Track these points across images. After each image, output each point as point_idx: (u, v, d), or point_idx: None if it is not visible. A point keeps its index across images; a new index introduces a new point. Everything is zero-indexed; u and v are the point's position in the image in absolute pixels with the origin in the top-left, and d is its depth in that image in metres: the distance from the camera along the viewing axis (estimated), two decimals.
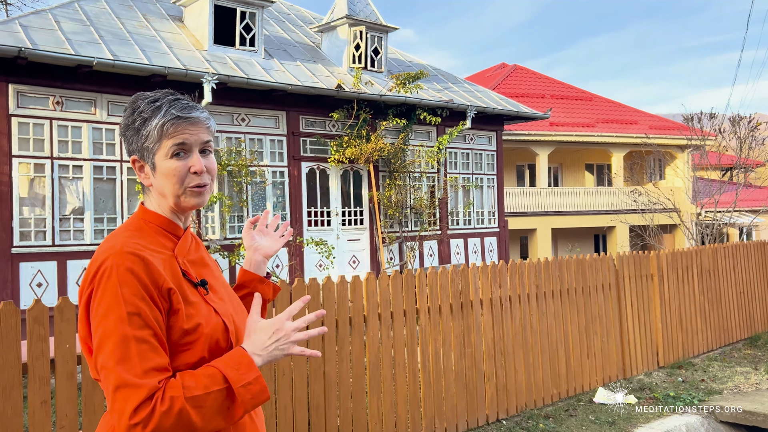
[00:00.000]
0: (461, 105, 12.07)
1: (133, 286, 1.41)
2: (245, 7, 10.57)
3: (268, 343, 1.51)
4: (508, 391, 5.58)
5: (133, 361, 1.38)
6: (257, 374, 1.46)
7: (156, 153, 1.54)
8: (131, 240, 1.49)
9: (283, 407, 4.13)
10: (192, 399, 1.38)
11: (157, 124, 1.52)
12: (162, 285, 1.45)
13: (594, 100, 25.66)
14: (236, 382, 1.43)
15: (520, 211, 22.38)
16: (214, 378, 1.42)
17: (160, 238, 1.56)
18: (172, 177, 1.54)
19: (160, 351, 1.42)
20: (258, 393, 1.46)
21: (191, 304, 1.51)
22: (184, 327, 1.47)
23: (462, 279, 5.36)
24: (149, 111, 1.54)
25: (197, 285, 1.55)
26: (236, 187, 9.91)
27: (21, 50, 7.68)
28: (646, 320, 7.17)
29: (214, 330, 1.52)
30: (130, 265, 1.42)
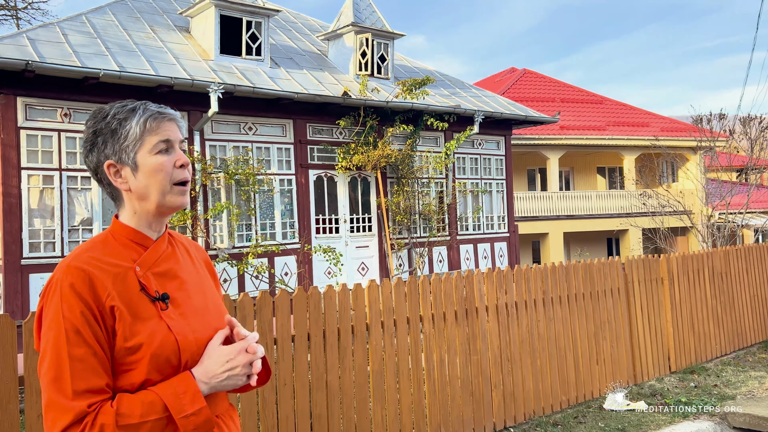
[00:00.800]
0: (468, 110, 12.02)
1: (72, 303, 1.38)
2: (251, 17, 10.62)
3: (219, 371, 1.47)
4: (515, 398, 5.51)
5: (65, 381, 1.34)
6: (202, 405, 1.41)
7: (138, 151, 1.52)
8: (86, 254, 1.47)
9: (285, 417, 4.10)
10: (125, 427, 1.34)
11: (138, 121, 1.51)
12: (105, 302, 1.41)
13: (605, 103, 25.50)
14: (177, 412, 1.38)
15: (531, 215, 22.27)
16: (153, 406, 1.38)
17: (124, 250, 1.52)
18: (160, 172, 1.52)
19: (98, 371, 1.37)
20: (202, 424, 1.42)
21: (141, 320, 1.45)
22: (126, 345, 1.41)
23: (467, 285, 5.31)
24: (124, 113, 1.53)
25: (155, 300, 1.49)
26: (244, 195, 9.92)
27: (28, 63, 7.75)
28: (657, 325, 7.07)
29: (162, 348, 1.44)
30: (72, 280, 1.40)
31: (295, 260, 10.39)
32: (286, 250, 10.31)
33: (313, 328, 4.28)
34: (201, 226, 9.44)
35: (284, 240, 10.39)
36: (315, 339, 4.28)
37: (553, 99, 24.82)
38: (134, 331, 1.43)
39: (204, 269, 1.75)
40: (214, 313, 1.63)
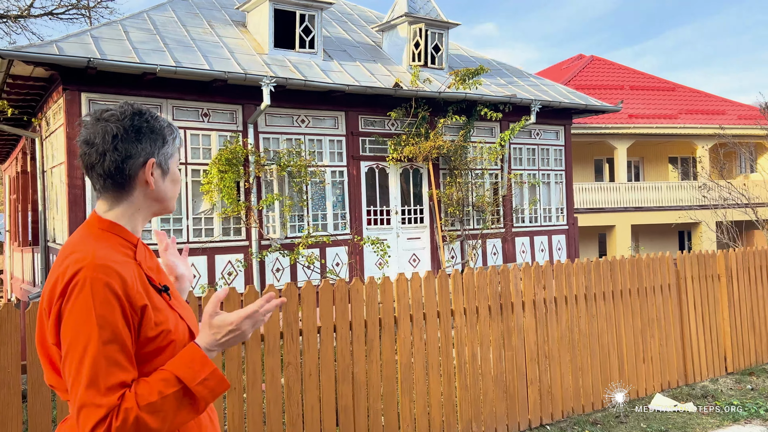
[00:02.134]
0: (525, 99, 11.77)
1: (108, 303, 1.43)
2: (304, 10, 10.74)
3: (222, 338, 1.56)
4: (552, 395, 5.40)
5: (99, 380, 1.41)
6: (212, 368, 1.50)
7: (171, 160, 1.70)
8: (100, 251, 1.50)
9: (310, 408, 4.17)
10: (147, 406, 1.42)
11: (178, 136, 1.73)
12: (136, 300, 1.48)
13: (677, 90, 24.40)
14: (191, 381, 1.46)
15: (597, 207, 21.63)
16: (167, 381, 1.45)
17: (119, 246, 1.58)
18: (178, 182, 1.73)
19: (126, 366, 1.45)
20: (216, 386, 1.50)
21: (159, 311, 1.55)
22: (149, 335, 1.50)
23: (502, 280, 5.22)
24: (166, 123, 1.69)
25: (161, 291, 1.59)
26: (296, 187, 10.09)
27: (90, 60, 8.12)
28: (712, 323, 6.75)
29: (183, 335, 1.59)
30: (108, 280, 1.44)
31: (346, 251, 10.49)
32: (337, 241, 10.43)
33: (340, 320, 4.32)
34: (254, 217, 9.67)
35: (335, 231, 10.51)
36: (341, 331, 4.32)
37: (621, 86, 23.95)
38: (160, 320, 1.53)
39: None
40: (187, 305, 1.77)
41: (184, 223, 9.33)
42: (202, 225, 9.47)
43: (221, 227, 9.57)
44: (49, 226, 10.24)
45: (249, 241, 9.74)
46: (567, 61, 28.46)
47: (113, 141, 1.56)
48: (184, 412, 1.47)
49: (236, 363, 3.92)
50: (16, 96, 9.76)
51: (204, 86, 9.37)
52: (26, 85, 9.36)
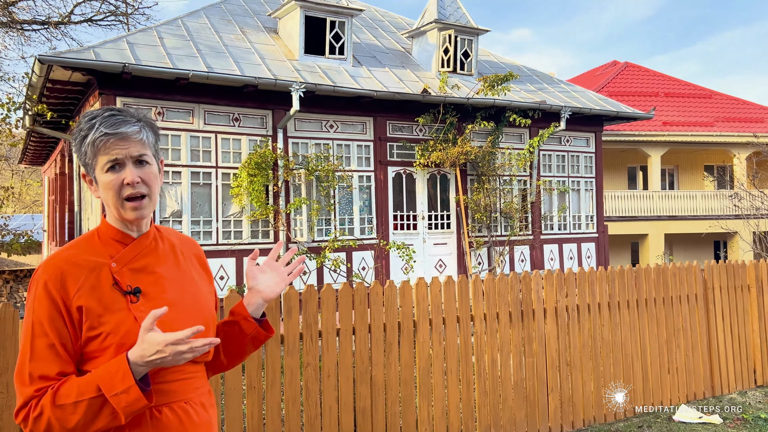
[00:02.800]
0: (555, 106, 11.71)
1: (42, 300, 1.56)
2: (335, 17, 10.87)
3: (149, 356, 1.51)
4: (574, 403, 5.36)
5: (23, 370, 1.54)
6: (130, 384, 1.49)
7: (95, 168, 1.65)
8: (66, 252, 1.64)
9: (328, 408, 4.23)
10: (61, 407, 1.49)
11: (89, 141, 1.62)
12: (72, 300, 1.57)
13: (713, 97, 23.93)
14: (108, 391, 1.49)
15: (630, 215, 21.34)
16: (88, 386, 1.50)
17: (104, 248, 1.67)
18: (110, 190, 1.64)
19: (51, 360, 1.53)
20: (133, 402, 1.50)
21: (110, 312, 1.58)
22: (90, 335, 1.57)
23: (523, 287, 5.22)
24: (86, 128, 1.64)
25: (127, 293, 1.62)
26: (323, 191, 10.20)
27: (125, 66, 8.35)
28: (741, 335, 6.62)
29: (127, 337, 1.57)
30: (47, 278, 1.57)
31: (372, 255, 10.55)
32: (363, 245, 10.50)
33: (359, 322, 4.37)
34: (282, 220, 9.80)
35: (362, 235, 10.59)
36: (360, 333, 4.38)
37: (656, 93, 23.60)
38: (101, 322, 1.57)
39: (194, 264, 1.86)
40: (191, 305, 1.74)
41: (214, 225, 9.50)
42: (232, 227, 9.63)
43: (250, 230, 9.72)
44: (84, 226, 10.53)
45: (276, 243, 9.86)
46: (600, 68, 28.15)
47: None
48: (103, 417, 1.50)
49: (256, 362, 4.01)
50: (55, 100, 10.08)
51: (235, 91, 9.55)
52: (65, 89, 9.66)
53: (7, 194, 10.05)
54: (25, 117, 10.50)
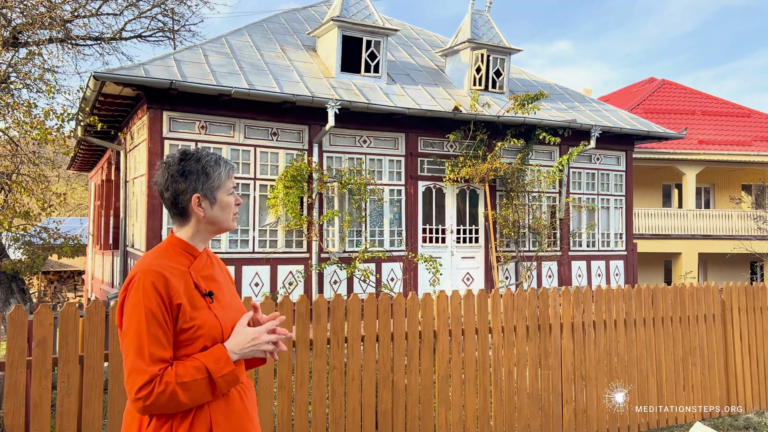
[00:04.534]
0: (585, 125, 11.91)
1: (151, 297, 1.95)
2: (370, 36, 11.29)
3: (246, 345, 2.05)
4: (588, 415, 5.59)
5: (144, 353, 1.91)
6: (232, 368, 2.01)
7: (220, 190, 2.14)
8: (157, 260, 2.05)
9: (352, 410, 4.56)
10: (182, 384, 1.92)
11: (223, 170, 2.15)
12: (173, 298, 1.98)
13: (752, 116, 23.68)
14: (216, 373, 1.98)
15: (663, 233, 21.25)
16: (199, 369, 1.96)
17: (180, 258, 2.11)
18: (227, 208, 2.16)
19: (165, 346, 1.95)
20: (232, 381, 2.02)
21: (197, 309, 2.03)
22: (184, 327, 2.00)
23: (541, 302, 5.48)
24: (213, 162, 2.14)
25: (204, 295, 2.07)
26: (355, 204, 10.58)
27: (172, 83, 8.88)
28: (760, 355, 6.75)
29: (213, 330, 2.05)
30: (153, 280, 1.97)
31: (401, 267, 10.88)
32: (392, 257, 10.84)
33: (382, 330, 4.70)
34: (315, 231, 10.20)
35: (391, 247, 10.93)
36: (383, 341, 4.70)
37: (692, 111, 23.47)
38: (193, 317, 2.01)
39: (227, 274, 2.35)
40: (238, 306, 2.24)
41: (251, 234, 9.95)
42: (267, 237, 10.07)
43: (284, 239, 10.15)
44: (128, 232, 11.10)
45: (309, 253, 10.28)
46: (637, 84, 28.07)
47: (166, 182, 2.10)
48: (206, 393, 1.96)
49: (287, 365, 4.36)
50: (105, 112, 10.69)
51: (274, 107, 10.01)
52: (115, 103, 10.25)
53: (60, 200, 10.67)
54: (78, 127, 11.14)
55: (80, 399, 3.68)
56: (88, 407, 3.68)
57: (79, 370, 3.70)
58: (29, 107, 9.78)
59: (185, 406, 1.94)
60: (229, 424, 2.05)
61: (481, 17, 12.69)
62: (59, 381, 3.61)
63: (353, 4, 11.40)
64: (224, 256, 9.66)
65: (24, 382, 3.52)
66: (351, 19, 11.15)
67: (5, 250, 10.12)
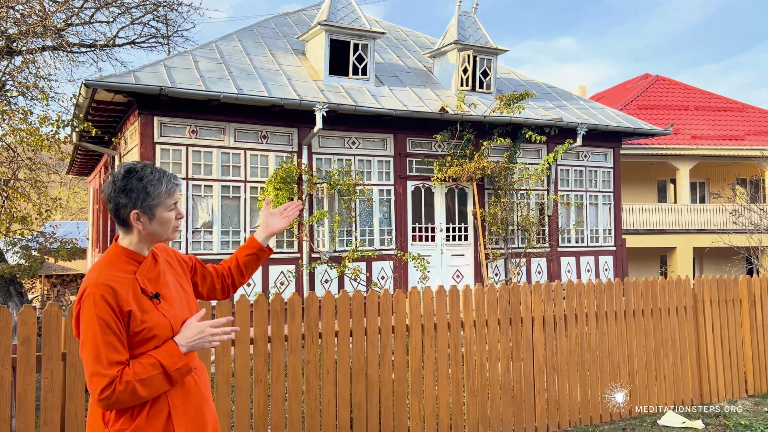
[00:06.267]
0: (571, 123, 12.10)
1: (103, 308, 2.16)
2: (358, 40, 11.50)
3: (193, 338, 2.29)
4: (560, 405, 5.80)
5: (102, 359, 2.12)
6: (185, 361, 2.24)
7: (160, 206, 2.30)
8: (104, 272, 2.23)
9: (327, 402, 4.77)
10: (140, 380, 2.15)
11: (164, 189, 2.30)
12: (123, 306, 2.19)
13: (745, 111, 23.83)
14: (169, 367, 2.21)
15: (658, 228, 21.42)
16: (154, 366, 2.19)
17: (126, 266, 2.31)
18: (167, 222, 2.33)
19: (120, 350, 2.16)
20: (185, 372, 2.26)
21: (147, 312, 2.24)
22: (136, 330, 2.21)
23: (512, 296, 5.69)
24: (155, 180, 2.29)
25: (152, 298, 2.28)
26: (345, 204, 10.79)
27: (162, 89, 9.10)
28: (732, 346, 6.94)
29: (164, 329, 2.27)
30: (102, 293, 2.17)
31: (391, 266, 11.09)
32: (382, 256, 11.05)
33: (356, 326, 4.92)
34: (305, 231, 10.42)
35: (381, 246, 11.14)
36: (357, 336, 4.92)
37: (686, 107, 23.63)
38: (143, 320, 2.22)
39: (176, 267, 2.52)
40: (187, 300, 2.45)
41: (242, 236, 10.17)
42: None
43: (275, 240, 10.37)
44: None
45: (300, 253, 10.50)
46: (632, 81, 28.22)
47: (110, 195, 2.29)
48: (164, 385, 2.20)
49: (263, 359, 4.58)
50: (99, 118, 10.93)
51: (263, 111, 10.23)
52: (108, 109, 10.48)
53: (55, 204, 10.91)
54: (73, 134, 11.38)
55: (63, 393, 3.91)
56: (71, 401, 3.91)
57: (62, 367, 3.93)
58: (25, 114, 10.02)
59: (145, 398, 2.17)
60: (185, 406, 2.28)
61: (468, 18, 12.90)
62: (43, 377, 3.83)
63: (340, 9, 11.62)
64: (216, 258, 9.89)
65: (9, 378, 3.74)
66: (338, 23, 11.36)
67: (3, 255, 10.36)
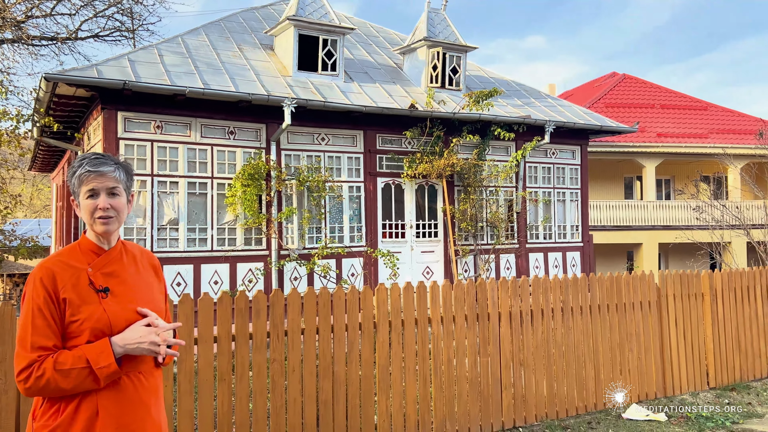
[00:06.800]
0: (539, 120, 12.19)
1: (39, 291, 2.15)
2: (327, 35, 11.42)
3: (132, 341, 2.19)
4: (526, 400, 5.83)
5: (26, 341, 2.12)
6: (111, 361, 2.13)
7: (79, 194, 2.27)
8: (55, 257, 2.24)
9: (293, 400, 4.72)
10: (60, 371, 2.09)
11: (76, 175, 2.27)
12: (60, 293, 2.16)
13: (709, 109, 24.33)
14: (95, 364, 2.12)
15: (625, 224, 21.75)
16: (80, 359, 2.11)
17: (82, 256, 2.27)
18: (87, 211, 2.28)
19: (48, 336, 2.12)
20: (110, 373, 2.14)
21: (86, 303, 2.18)
22: (71, 320, 2.17)
23: (480, 292, 5.70)
24: (76, 166, 2.28)
25: (99, 291, 2.23)
26: (314, 201, 10.72)
27: (126, 83, 8.92)
28: (695, 340, 7.07)
29: (99, 323, 2.18)
30: (42, 275, 2.18)
31: (361, 263, 11.05)
32: (352, 253, 11.01)
33: (322, 323, 4.87)
34: (274, 228, 10.32)
35: (351, 243, 11.10)
36: (323, 333, 4.88)
37: (651, 105, 24.02)
38: (80, 311, 2.18)
39: (149, 272, 2.47)
40: (145, 302, 2.35)
41: (209, 233, 10.04)
42: (226, 235, 10.16)
43: (243, 237, 10.26)
44: None
45: (269, 250, 10.40)
46: (600, 79, 28.60)
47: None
48: (88, 381, 2.11)
49: (227, 358, 4.51)
50: (61, 113, 10.67)
51: (231, 106, 10.10)
52: (70, 103, 10.24)
53: (15, 201, 10.63)
54: (33, 129, 11.10)
55: (18, 396, 3.79)
56: (26, 403, 3.79)
57: None
58: None
59: (68, 391, 2.10)
60: (118, 410, 2.18)
61: (437, 15, 12.90)
62: None
63: (309, 3, 11.52)
64: (183, 255, 9.74)
65: None
66: (307, 18, 11.27)
67: None
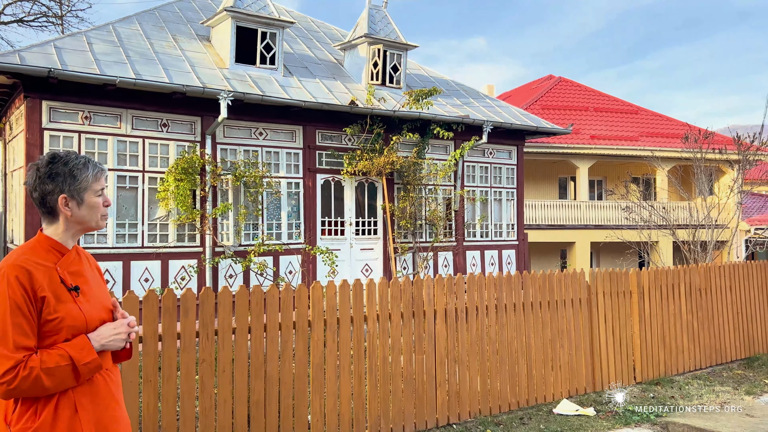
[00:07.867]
0: (477, 120, 12.33)
1: (16, 290, 2.09)
2: (266, 28, 11.21)
3: (108, 336, 2.26)
4: (460, 397, 5.86)
5: (8, 341, 2.06)
6: (95, 356, 2.18)
7: (86, 192, 2.28)
8: (22, 256, 2.18)
9: (223, 401, 4.59)
10: (46, 369, 2.07)
11: (90, 173, 2.29)
12: (37, 291, 2.12)
13: (640, 113, 25.25)
14: (78, 361, 2.14)
15: (559, 223, 22.33)
16: (63, 357, 2.11)
17: (47, 255, 2.24)
18: (96, 209, 2.31)
19: (29, 335, 2.09)
20: (94, 368, 2.19)
21: (62, 302, 2.17)
22: (49, 318, 2.13)
23: (416, 290, 5.70)
24: (81, 165, 2.28)
25: (71, 289, 2.20)
26: (251, 197, 10.51)
27: (51, 71, 8.50)
28: (623, 336, 7.28)
29: (76, 321, 2.20)
30: (17, 274, 2.11)
31: (299, 260, 10.91)
32: (291, 250, 10.86)
33: (255, 322, 4.75)
34: (208, 224, 10.07)
35: (290, 240, 10.94)
36: (256, 332, 4.76)
37: (586, 108, 24.73)
38: (57, 310, 2.16)
39: (95, 269, 2.48)
40: (105, 300, 2.37)
41: (140, 229, 9.70)
42: (158, 231, 9.84)
43: (176, 233, 9.95)
44: (8, 227, 10.55)
45: (203, 247, 10.13)
46: (536, 82, 29.26)
47: (35, 183, 2.25)
48: (70, 379, 2.12)
49: (153, 358, 4.34)
50: None
51: (164, 98, 9.78)
52: None
53: None
54: None
55: None
56: None
57: None
58: None
59: (49, 390, 2.08)
60: (94, 406, 2.20)
61: (379, 12, 12.87)
62: None
63: None
64: (111, 251, 9.38)
65: None
66: (245, 9, 11.04)
67: None
